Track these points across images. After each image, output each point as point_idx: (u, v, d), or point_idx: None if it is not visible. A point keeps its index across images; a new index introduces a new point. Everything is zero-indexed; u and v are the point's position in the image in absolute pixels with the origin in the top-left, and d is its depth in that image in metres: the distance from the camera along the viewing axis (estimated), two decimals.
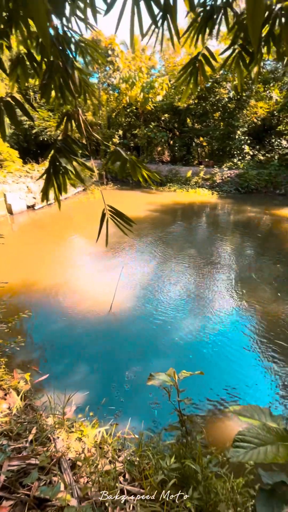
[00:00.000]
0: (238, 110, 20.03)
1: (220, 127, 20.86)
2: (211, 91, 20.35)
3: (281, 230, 11.19)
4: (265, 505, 0.98)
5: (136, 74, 19.11)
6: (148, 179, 2.10)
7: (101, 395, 2.97)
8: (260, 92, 19.98)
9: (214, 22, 2.21)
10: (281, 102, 19.48)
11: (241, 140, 20.57)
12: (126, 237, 9.02)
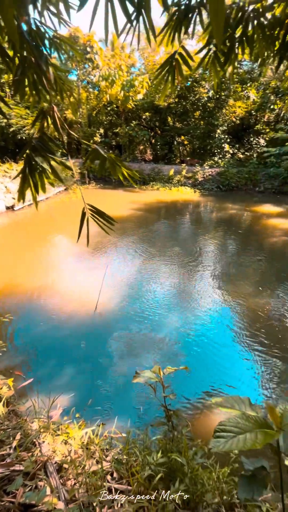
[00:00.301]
0: (218, 109, 20.42)
1: (201, 126, 21.18)
2: (190, 90, 20.60)
3: (261, 226, 11.55)
4: (245, 490, 1.02)
5: (116, 72, 18.96)
6: (129, 177, 2.10)
7: (88, 396, 2.95)
8: (238, 92, 20.46)
9: (190, 22, 2.24)
10: (258, 102, 20.07)
11: (221, 139, 21.00)
12: (110, 236, 8.98)
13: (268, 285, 6.35)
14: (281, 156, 18.09)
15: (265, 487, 1.04)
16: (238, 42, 2.43)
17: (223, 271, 7.05)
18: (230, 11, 2.33)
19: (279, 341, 4.49)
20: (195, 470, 1.69)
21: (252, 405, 1.20)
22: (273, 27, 2.58)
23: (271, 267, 7.49)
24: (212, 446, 0.95)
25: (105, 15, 1.44)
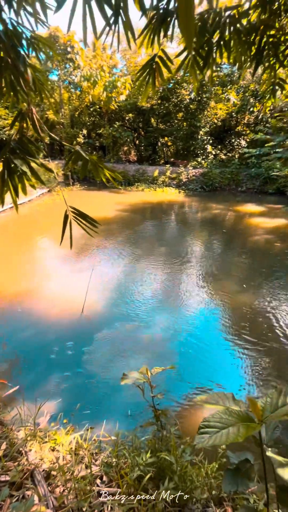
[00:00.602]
0: (200, 111, 20.77)
1: (184, 127, 21.46)
2: (172, 92, 20.83)
3: (244, 226, 11.86)
4: (230, 483, 1.05)
5: (97, 73, 18.85)
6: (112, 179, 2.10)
7: (76, 400, 2.91)
8: (219, 94, 20.92)
9: (169, 25, 2.27)
10: (238, 104, 20.60)
11: (204, 140, 21.37)
12: (95, 238, 8.91)
13: (252, 283, 6.52)
14: (261, 157, 18.65)
15: (249, 478, 1.07)
16: (215, 47, 2.48)
17: (208, 270, 7.17)
18: (207, 17, 2.38)
19: (263, 337, 4.62)
20: (184, 467, 1.71)
21: (236, 400, 1.24)
22: (249, 33, 2.67)
23: (254, 265, 7.70)
24: (197, 442, 0.97)
25: (83, 17, 1.44)
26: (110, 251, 8.24)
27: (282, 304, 5.62)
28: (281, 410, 1.06)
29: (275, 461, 0.92)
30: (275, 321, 5.04)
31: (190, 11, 0.46)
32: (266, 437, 1.18)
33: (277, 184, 18.23)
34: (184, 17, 0.45)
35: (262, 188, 19.36)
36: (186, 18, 0.45)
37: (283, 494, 1.02)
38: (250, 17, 2.67)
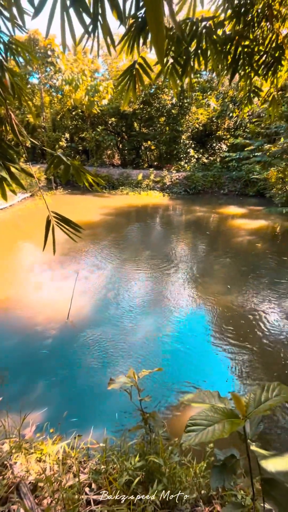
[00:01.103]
0: (181, 115, 21.20)
1: (166, 132, 21.80)
2: (154, 97, 21.14)
3: (227, 227, 12.17)
4: (217, 479, 1.07)
5: (79, 77, 18.81)
6: (94, 183, 2.11)
7: (62, 408, 2.85)
8: (199, 100, 21.46)
9: (147, 33, 2.32)
10: (218, 109, 21.22)
11: (186, 144, 21.81)
12: (80, 242, 8.81)
13: (236, 283, 6.69)
14: (241, 160, 19.27)
15: (235, 473, 1.10)
16: (193, 55, 2.56)
17: (194, 272, 7.28)
18: (184, 26, 2.46)
19: (247, 335, 4.74)
20: (172, 469, 1.72)
21: (221, 398, 1.27)
22: (224, 42, 2.78)
23: (237, 265, 7.91)
24: (183, 440, 0.99)
25: (61, 24, 1.45)
26: (96, 255, 8.18)
27: (265, 303, 5.79)
28: (264, 405, 1.10)
29: (259, 454, 0.96)
30: (258, 320, 5.19)
31: (161, 27, 0.49)
32: (251, 432, 1.21)
33: (257, 187, 18.88)
34: (155, 33, 0.47)
35: (243, 190, 19.99)
36: (157, 34, 0.47)
37: (267, 486, 1.05)
38: (225, 27, 2.78)
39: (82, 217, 12.28)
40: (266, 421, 3.17)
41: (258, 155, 16.85)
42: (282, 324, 5.10)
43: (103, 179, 21.11)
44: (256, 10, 2.82)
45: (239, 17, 2.74)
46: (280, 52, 3.01)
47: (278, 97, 3.43)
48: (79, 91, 18.81)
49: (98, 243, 9.17)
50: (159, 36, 0.48)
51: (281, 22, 3.04)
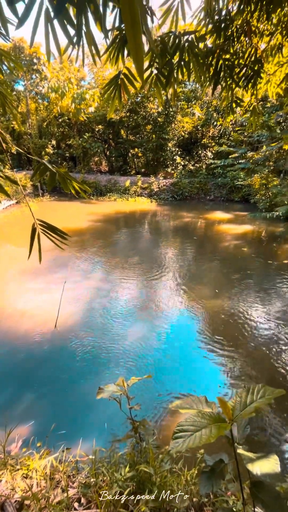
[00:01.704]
0: (167, 124, 21.62)
1: (153, 139, 22.13)
2: (141, 106, 21.49)
3: (214, 232, 12.39)
4: (206, 485, 1.07)
5: (65, 85, 18.89)
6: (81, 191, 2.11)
7: (50, 421, 2.77)
8: (184, 108, 22.00)
9: None
10: (203, 118, 21.81)
11: (173, 151, 22.20)
12: (68, 250, 8.72)
13: (224, 287, 6.79)
14: (226, 167, 19.81)
15: (223, 478, 1.10)
16: (177, 67, 2.64)
17: (182, 277, 7.33)
18: (167, 39, 2.54)
19: (236, 338, 4.80)
20: (163, 477, 1.70)
21: (208, 402, 1.28)
22: (206, 55, 2.89)
23: (224, 270, 8.04)
24: (171, 447, 0.99)
25: (45, 35, 1.47)
26: (84, 262, 8.10)
27: (253, 306, 5.90)
28: (249, 408, 1.12)
29: (245, 458, 0.97)
30: (247, 323, 5.27)
31: (140, 47, 0.51)
32: (238, 435, 1.23)
33: (242, 193, 19.42)
34: (134, 52, 0.50)
35: (228, 196, 20.49)
36: (136, 53, 0.49)
37: (256, 489, 1.06)
38: (207, 41, 2.89)
39: (70, 224, 12.18)
40: (256, 422, 3.20)
41: (242, 162, 17.38)
42: (270, 326, 5.20)
43: (91, 185, 21.09)
44: (235, 25, 2.95)
45: (220, 32, 2.86)
46: (259, 66, 3.16)
47: (258, 107, 3.58)
48: (66, 98, 18.87)
49: (86, 250, 9.10)
50: (138, 55, 0.50)
51: (259, 37, 3.20)
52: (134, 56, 0.51)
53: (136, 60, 0.53)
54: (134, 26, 0.48)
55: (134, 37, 0.49)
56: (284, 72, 3.64)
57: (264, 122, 13.99)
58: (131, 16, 0.47)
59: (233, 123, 21.47)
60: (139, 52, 0.51)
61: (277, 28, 3.09)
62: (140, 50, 0.51)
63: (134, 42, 0.50)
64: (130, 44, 0.50)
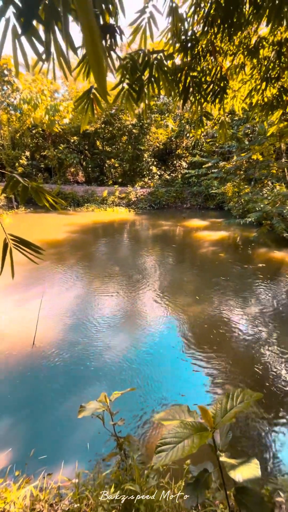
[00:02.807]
0: (142, 135, 22.13)
1: (129, 150, 22.49)
2: (115, 118, 21.86)
3: (192, 239, 12.68)
4: (191, 497, 1.06)
5: (38, 96, 18.77)
6: (54, 203, 2.09)
7: (29, 446, 2.60)
8: (158, 121, 22.69)
9: None
10: (176, 130, 22.61)
11: (148, 162, 22.68)
12: (45, 263, 8.48)
13: (203, 293, 6.92)
14: (200, 176, 20.56)
15: (207, 488, 1.10)
16: (147, 83, 2.74)
17: (163, 286, 7.38)
18: (137, 57, 2.64)
19: (219, 343, 4.88)
20: (150, 494, 1.65)
21: (191, 412, 1.28)
22: (175, 72, 3.03)
23: (203, 276, 8.22)
24: (154, 462, 0.97)
25: (13, 51, 1.46)
26: (62, 275, 7.90)
27: (232, 311, 6.06)
28: (230, 414, 1.13)
29: (227, 465, 0.97)
30: (228, 328, 5.39)
31: (102, 70, 0.52)
32: (221, 442, 1.23)
33: (216, 200, 20.18)
34: (96, 76, 0.51)
35: (204, 204, 21.20)
36: (98, 76, 0.51)
37: (239, 495, 1.06)
38: (175, 59, 3.04)
39: (46, 236, 11.88)
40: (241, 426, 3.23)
41: (215, 172, 18.13)
42: (249, 328, 5.36)
43: (68, 196, 20.84)
44: (201, 45, 3.13)
45: (186, 51, 3.02)
46: (224, 83, 3.35)
47: (226, 120, 3.79)
48: (39, 110, 18.73)
49: (64, 262, 8.89)
50: (101, 78, 0.52)
51: (223, 56, 3.41)
52: (97, 79, 0.53)
53: (99, 83, 0.54)
54: (94, 46, 0.50)
55: (96, 59, 0.51)
56: (248, 88, 3.90)
57: (233, 134, 14.78)
58: (91, 37, 0.49)
59: (205, 134, 22.48)
60: (101, 73, 0.53)
61: (239, 49, 3.32)
62: (101, 70, 0.53)
63: (96, 62, 0.51)
64: (92, 69, 0.52)
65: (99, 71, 0.51)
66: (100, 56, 0.51)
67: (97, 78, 0.53)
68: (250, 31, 3.20)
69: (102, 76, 0.53)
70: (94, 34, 0.48)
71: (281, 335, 5.17)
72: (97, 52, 0.50)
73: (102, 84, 0.56)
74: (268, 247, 11.12)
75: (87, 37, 0.48)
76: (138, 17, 2.42)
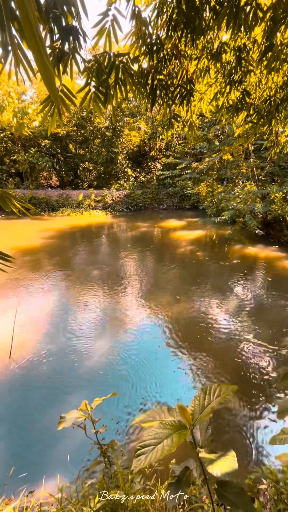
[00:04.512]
0: (115, 138, 22.10)
1: (103, 153, 22.35)
2: (87, 120, 21.64)
3: (170, 239, 12.84)
4: (173, 498, 1.06)
5: (5, 99, 18.09)
6: (24, 210, 2.01)
7: (8, 466, 2.46)
8: (131, 123, 22.80)
9: (66, 63, 2.41)
10: (149, 132, 22.86)
11: (123, 164, 22.68)
12: (20, 270, 8.15)
13: (184, 292, 7.02)
14: (174, 177, 20.92)
15: (188, 485, 1.11)
16: (114, 85, 2.73)
17: (143, 287, 7.39)
18: (102, 59, 2.63)
19: (200, 340, 4.97)
20: (136, 498, 1.63)
21: (170, 411, 1.28)
22: (141, 75, 3.06)
23: (182, 275, 8.35)
24: (134, 466, 0.96)
25: None
26: (39, 282, 7.63)
27: (211, 307, 6.21)
28: (207, 410, 1.15)
29: (205, 461, 0.98)
30: (209, 324, 5.51)
31: (48, 70, 0.51)
32: (201, 438, 1.25)
33: (191, 200, 20.65)
34: (44, 76, 0.50)
35: (180, 204, 21.60)
36: (46, 77, 0.50)
37: (221, 489, 1.08)
38: (141, 62, 3.06)
39: (20, 243, 11.44)
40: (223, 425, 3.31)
41: (188, 173, 18.53)
42: (229, 323, 5.52)
43: (41, 201, 20.23)
44: (166, 49, 3.19)
45: (152, 54, 3.05)
46: (191, 85, 3.44)
47: (194, 122, 3.88)
48: (6, 113, 18.05)
49: (41, 269, 8.60)
50: (50, 81, 0.51)
51: (188, 60, 3.50)
52: (44, 80, 0.51)
53: (49, 85, 0.53)
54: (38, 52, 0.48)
55: (41, 61, 0.49)
56: (213, 91, 4.03)
57: (204, 135, 15.23)
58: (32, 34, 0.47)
59: (177, 136, 22.94)
60: (49, 76, 0.51)
61: (203, 53, 3.43)
62: (49, 74, 0.51)
63: (42, 65, 0.50)
64: (39, 68, 0.50)
65: (48, 78, 0.50)
66: (45, 58, 0.50)
67: (47, 84, 0.51)
68: (212, 36, 3.31)
69: (50, 79, 0.51)
70: (36, 37, 0.46)
71: (258, 327, 5.39)
72: (41, 54, 0.48)
73: (53, 89, 0.55)
74: (243, 244, 11.56)
75: (30, 40, 0.46)
76: (101, 19, 2.41)
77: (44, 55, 0.49)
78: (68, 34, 2.25)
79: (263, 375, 4.10)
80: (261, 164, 13.19)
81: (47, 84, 0.51)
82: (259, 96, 4.25)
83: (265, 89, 4.10)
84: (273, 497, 1.87)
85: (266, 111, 4.13)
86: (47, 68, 0.49)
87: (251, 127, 5.00)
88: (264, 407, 3.54)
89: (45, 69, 0.49)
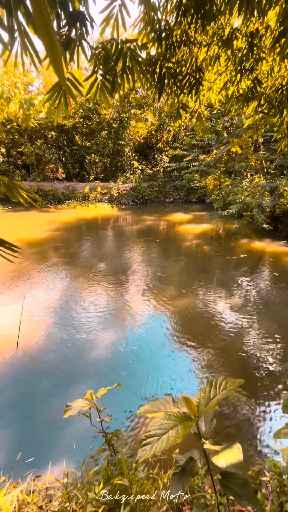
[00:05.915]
0: (122, 129, 21.84)
1: (109, 145, 22.16)
2: (94, 112, 21.40)
3: (176, 233, 12.77)
4: (176, 486, 1.07)
5: (11, 89, 17.97)
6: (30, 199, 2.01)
7: (15, 451, 2.54)
8: (138, 114, 22.46)
9: (73, 51, 2.35)
10: (156, 123, 22.50)
11: (129, 156, 22.47)
12: (26, 262, 8.24)
13: (189, 286, 7.01)
14: (181, 170, 20.64)
15: (193, 475, 1.12)
16: (121, 73, 2.67)
17: (148, 281, 7.40)
18: (110, 46, 2.56)
19: (205, 334, 4.97)
20: (139, 485, 1.66)
21: (175, 402, 1.28)
22: (149, 63, 2.97)
23: (188, 269, 8.32)
24: (139, 456, 0.97)
25: None
26: (45, 274, 7.71)
27: (216, 301, 6.19)
28: (213, 402, 1.15)
29: (210, 452, 0.99)
30: (214, 319, 5.50)
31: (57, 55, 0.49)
32: (205, 430, 1.25)
33: (198, 194, 20.40)
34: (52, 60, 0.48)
35: (186, 198, 21.36)
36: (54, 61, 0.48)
37: (225, 480, 1.09)
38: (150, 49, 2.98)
39: (27, 235, 11.53)
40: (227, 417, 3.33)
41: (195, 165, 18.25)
42: (234, 317, 5.50)
43: (48, 193, 20.28)
44: (175, 35, 3.09)
45: (161, 41, 2.96)
46: (200, 74, 3.33)
47: (202, 113, 3.78)
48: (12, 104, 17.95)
49: (47, 261, 8.68)
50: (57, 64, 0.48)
51: (198, 47, 3.39)
52: (52, 62, 0.49)
53: (56, 68, 0.51)
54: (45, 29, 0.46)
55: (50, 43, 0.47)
56: (223, 80, 3.91)
57: (212, 127, 14.91)
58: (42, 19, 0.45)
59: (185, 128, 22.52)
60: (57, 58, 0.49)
61: (213, 40, 3.31)
62: (57, 52, 0.49)
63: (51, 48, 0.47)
64: (47, 51, 0.48)
65: (55, 58, 0.48)
66: (53, 39, 0.48)
67: (53, 64, 0.49)
68: (223, 21, 3.19)
69: (58, 61, 0.49)
70: (44, 15, 0.44)
71: (263, 321, 5.35)
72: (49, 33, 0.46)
73: (59, 71, 0.53)
74: (250, 238, 11.41)
75: (37, 19, 0.44)
76: (109, 4, 2.34)
77: (51, 31, 0.47)
78: (75, 20, 2.19)
79: (269, 369, 4.10)
80: (270, 157, 12.88)
81: (54, 63, 0.49)
82: (270, 85, 4.11)
83: (277, 77, 3.96)
84: (275, 489, 1.88)
85: (278, 101, 3.99)
86: (53, 45, 0.47)
87: (261, 117, 4.85)
88: (269, 401, 3.55)
89: (52, 46, 0.47)
